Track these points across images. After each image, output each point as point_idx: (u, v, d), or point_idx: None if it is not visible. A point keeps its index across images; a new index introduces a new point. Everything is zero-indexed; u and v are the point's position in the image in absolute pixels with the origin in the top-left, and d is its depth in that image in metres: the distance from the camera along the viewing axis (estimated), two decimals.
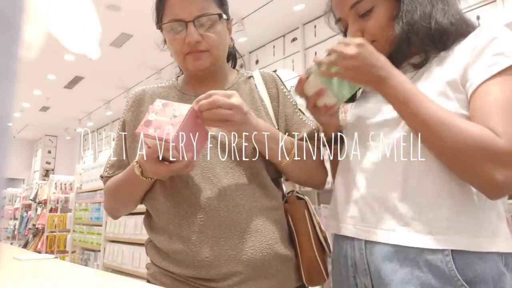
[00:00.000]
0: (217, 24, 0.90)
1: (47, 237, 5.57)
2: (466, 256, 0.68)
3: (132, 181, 0.87)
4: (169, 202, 0.87)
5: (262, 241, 0.84)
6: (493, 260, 0.68)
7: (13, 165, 12.13)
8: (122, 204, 0.98)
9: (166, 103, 0.78)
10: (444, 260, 0.68)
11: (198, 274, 0.82)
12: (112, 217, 1.04)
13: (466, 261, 0.68)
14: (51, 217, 5.63)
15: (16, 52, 0.18)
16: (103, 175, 1.00)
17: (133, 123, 0.97)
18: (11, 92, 0.18)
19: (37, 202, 6.30)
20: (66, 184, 5.91)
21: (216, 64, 0.95)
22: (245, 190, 0.86)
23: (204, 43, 0.89)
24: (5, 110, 0.17)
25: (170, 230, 0.86)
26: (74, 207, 4.93)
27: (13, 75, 0.18)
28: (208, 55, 0.91)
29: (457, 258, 0.68)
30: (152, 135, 0.74)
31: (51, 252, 5.33)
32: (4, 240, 6.51)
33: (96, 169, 4.54)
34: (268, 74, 1.03)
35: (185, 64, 0.92)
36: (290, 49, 5.80)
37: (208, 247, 0.82)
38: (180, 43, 0.89)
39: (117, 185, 0.93)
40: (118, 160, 0.98)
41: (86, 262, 4.37)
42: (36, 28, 0.36)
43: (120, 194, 0.94)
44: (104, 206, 1.01)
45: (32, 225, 6.27)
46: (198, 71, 0.93)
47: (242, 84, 0.99)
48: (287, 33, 5.82)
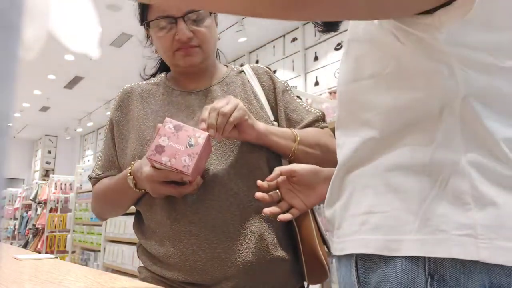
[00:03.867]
0: (206, 17, 0.88)
1: (47, 237, 5.58)
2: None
3: (123, 191, 0.85)
4: (162, 203, 0.84)
5: (258, 243, 0.81)
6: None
7: (13, 165, 12.14)
8: (111, 209, 0.97)
9: (178, 125, 0.74)
10: None
11: (190, 279, 0.79)
12: (98, 218, 1.03)
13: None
14: (51, 217, 5.63)
15: (16, 52, 0.18)
16: (92, 176, 0.96)
17: (121, 122, 0.94)
18: (11, 92, 0.18)
19: (37, 202, 6.30)
20: (66, 184, 5.91)
21: (206, 60, 0.92)
22: (239, 190, 0.82)
23: (195, 39, 0.87)
24: (5, 110, 0.17)
25: (162, 232, 0.83)
26: (74, 207, 4.93)
27: (13, 75, 0.18)
28: (199, 51, 0.88)
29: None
30: (168, 165, 0.71)
31: (51, 252, 5.33)
32: (4, 240, 6.51)
33: None
34: (260, 68, 1.00)
35: (175, 61, 0.89)
36: (290, 49, 5.81)
37: (200, 250, 0.78)
38: (169, 40, 0.86)
39: (107, 191, 0.91)
40: (108, 160, 0.95)
41: (86, 262, 4.37)
42: (36, 28, 0.36)
43: (109, 201, 0.93)
44: (92, 208, 0.98)
45: (32, 225, 6.27)
46: (189, 67, 0.90)
47: (234, 77, 0.97)
48: (287, 33, 5.83)
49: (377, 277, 0.49)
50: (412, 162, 0.49)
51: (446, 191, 0.46)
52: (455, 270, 0.43)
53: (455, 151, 0.46)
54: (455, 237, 0.44)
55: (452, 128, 0.47)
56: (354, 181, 0.55)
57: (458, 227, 0.44)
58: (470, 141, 0.47)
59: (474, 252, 0.42)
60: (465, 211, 0.44)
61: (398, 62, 0.50)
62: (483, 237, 0.43)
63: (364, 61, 0.54)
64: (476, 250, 0.42)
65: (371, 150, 0.53)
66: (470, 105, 0.47)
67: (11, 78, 0.18)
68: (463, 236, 0.43)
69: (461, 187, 0.45)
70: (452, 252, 0.43)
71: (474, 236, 0.43)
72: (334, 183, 0.60)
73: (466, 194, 0.45)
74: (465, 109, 0.47)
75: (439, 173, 0.46)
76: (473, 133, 0.47)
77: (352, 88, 0.56)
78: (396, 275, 0.47)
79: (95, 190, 0.95)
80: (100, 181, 0.93)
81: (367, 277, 0.51)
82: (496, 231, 0.43)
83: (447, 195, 0.46)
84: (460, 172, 0.46)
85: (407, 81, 0.50)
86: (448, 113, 0.47)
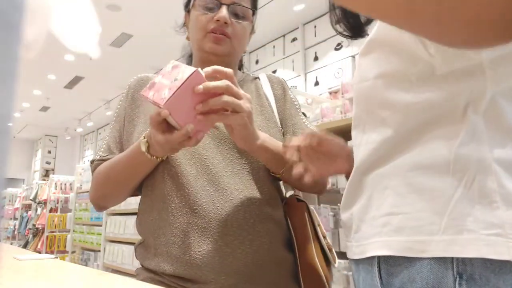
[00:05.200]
0: (246, 19, 0.93)
1: (47, 237, 5.58)
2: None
3: (133, 161, 0.82)
4: (165, 190, 0.83)
5: (259, 242, 0.80)
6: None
7: (13, 165, 12.13)
8: (114, 189, 0.90)
9: (177, 65, 0.71)
10: None
11: (188, 273, 0.78)
12: (96, 207, 0.94)
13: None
14: (51, 217, 5.63)
15: (17, 52, 0.18)
16: (95, 159, 0.92)
17: (131, 106, 0.94)
18: (11, 92, 0.18)
19: (37, 202, 6.30)
20: (66, 184, 5.91)
21: (231, 57, 0.94)
22: (244, 189, 0.83)
23: (229, 28, 0.89)
24: (5, 110, 0.17)
25: (162, 220, 0.82)
26: (74, 207, 4.94)
27: (13, 75, 0.18)
28: (228, 42, 0.90)
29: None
30: (151, 99, 0.68)
31: (51, 252, 5.33)
32: (4, 240, 6.51)
33: None
34: (275, 77, 1.03)
35: (204, 42, 0.90)
36: (290, 49, 5.81)
37: (202, 241, 0.78)
38: (207, 19, 0.89)
39: (111, 169, 0.86)
40: (114, 142, 0.93)
41: (86, 262, 4.37)
42: (36, 28, 0.36)
43: (113, 180, 0.88)
44: (90, 195, 0.93)
45: (32, 225, 6.27)
46: (212, 54, 0.91)
47: (248, 82, 0.99)
48: (287, 33, 5.82)
49: (402, 277, 0.48)
50: (434, 161, 0.48)
51: (472, 189, 0.45)
52: (485, 269, 0.43)
53: (480, 149, 0.46)
54: (484, 236, 0.43)
55: (476, 126, 0.46)
56: (373, 183, 0.54)
57: (486, 226, 0.43)
58: (496, 139, 0.46)
59: (505, 251, 0.42)
60: (493, 210, 0.44)
61: (425, 64, 0.49)
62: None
63: (388, 61, 0.53)
64: (507, 249, 0.42)
65: (390, 150, 0.52)
66: (496, 103, 0.46)
67: (11, 78, 0.18)
68: (492, 235, 0.43)
69: (488, 185, 0.44)
70: (481, 252, 0.43)
71: (503, 235, 0.42)
72: (351, 186, 0.58)
73: (494, 192, 0.44)
74: (492, 107, 0.46)
75: (464, 172, 0.45)
76: (499, 131, 0.46)
77: (369, 85, 0.55)
78: (422, 275, 0.46)
79: (95, 173, 0.91)
80: (102, 164, 0.90)
81: (391, 278, 0.50)
82: None
83: (473, 194, 0.45)
84: (487, 169, 0.45)
85: (433, 81, 0.49)
86: (473, 110, 0.46)
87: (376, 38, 0.55)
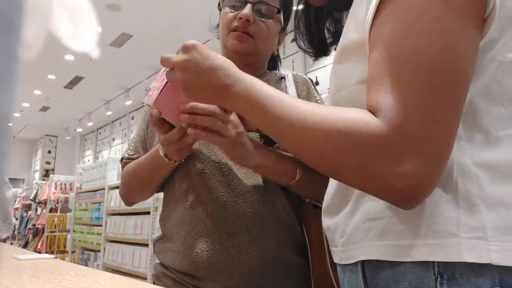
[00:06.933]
0: (272, 19, 0.92)
1: (47, 237, 5.58)
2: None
3: (154, 163, 0.86)
4: (179, 190, 0.86)
5: (266, 246, 0.80)
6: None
7: (13, 165, 12.14)
8: (139, 188, 0.95)
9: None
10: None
11: (194, 271, 0.79)
12: (126, 203, 1.01)
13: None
14: (51, 217, 5.64)
15: (17, 52, 0.18)
16: (124, 157, 0.98)
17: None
18: (11, 92, 0.18)
19: (37, 202, 6.30)
20: (66, 184, 5.92)
21: (254, 56, 0.94)
22: (255, 191, 0.83)
23: (253, 27, 0.89)
24: (5, 110, 0.17)
25: (175, 218, 0.85)
26: (74, 207, 4.94)
27: (13, 75, 0.18)
28: (251, 41, 0.90)
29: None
30: (145, 103, 0.72)
31: (51, 252, 5.34)
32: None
33: (96, 169, 4.53)
34: (301, 77, 1.02)
35: (227, 40, 0.91)
36: (290, 49, 5.80)
37: (210, 240, 0.79)
38: (231, 17, 0.90)
39: (137, 169, 0.91)
40: (140, 141, 0.98)
41: (86, 262, 4.37)
42: (36, 28, 0.36)
43: (138, 179, 0.93)
44: (120, 191, 0.99)
45: (32, 225, 6.28)
46: (234, 52, 0.91)
47: (273, 83, 0.98)
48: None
49: (386, 279, 0.49)
50: None
51: (453, 193, 0.45)
52: (465, 269, 0.43)
53: (460, 152, 0.46)
54: (465, 240, 0.43)
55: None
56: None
57: (468, 230, 0.44)
58: (474, 141, 0.46)
59: (485, 255, 0.42)
60: (474, 213, 0.44)
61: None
62: (493, 239, 0.42)
63: (367, 67, 0.53)
64: (487, 253, 0.42)
65: None
66: (475, 104, 0.46)
67: (11, 78, 0.18)
68: (474, 239, 0.43)
69: (469, 188, 0.45)
70: (463, 256, 0.43)
71: (484, 238, 0.43)
72: (337, 192, 0.59)
73: (474, 195, 0.44)
74: (469, 109, 0.46)
75: (446, 175, 0.46)
76: (478, 132, 0.46)
77: (351, 90, 0.55)
78: (406, 277, 0.47)
79: (124, 171, 0.96)
80: (130, 163, 0.95)
81: (375, 279, 0.51)
82: (505, 232, 0.42)
83: (454, 197, 0.45)
84: (467, 173, 0.45)
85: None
86: None
87: (349, 48, 0.55)
